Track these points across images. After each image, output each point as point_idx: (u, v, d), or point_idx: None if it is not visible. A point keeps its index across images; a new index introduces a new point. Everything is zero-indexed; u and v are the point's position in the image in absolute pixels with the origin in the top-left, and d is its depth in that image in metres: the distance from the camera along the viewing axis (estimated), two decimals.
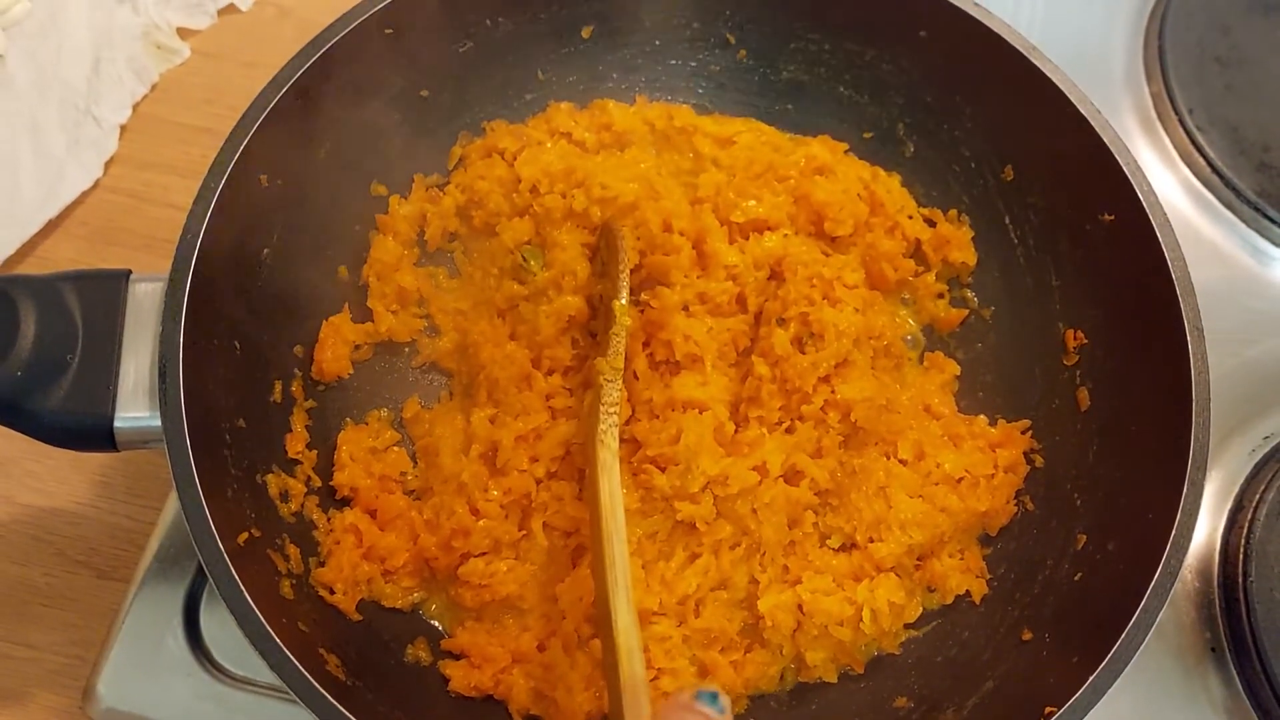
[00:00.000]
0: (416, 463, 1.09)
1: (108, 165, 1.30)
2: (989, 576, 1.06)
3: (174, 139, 1.33)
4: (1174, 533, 0.89)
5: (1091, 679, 0.84)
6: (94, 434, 0.89)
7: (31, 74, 1.29)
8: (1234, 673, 1.09)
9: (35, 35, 1.31)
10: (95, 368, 0.90)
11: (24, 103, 1.27)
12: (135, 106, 1.35)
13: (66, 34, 1.32)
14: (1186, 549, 0.89)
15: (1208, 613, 1.12)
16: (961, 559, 1.06)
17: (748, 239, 1.13)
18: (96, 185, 1.29)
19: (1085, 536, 1.00)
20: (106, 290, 0.92)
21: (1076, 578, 0.98)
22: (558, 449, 1.04)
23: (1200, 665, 1.10)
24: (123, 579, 1.08)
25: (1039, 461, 1.09)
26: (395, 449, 1.09)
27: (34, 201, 1.24)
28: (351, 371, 1.11)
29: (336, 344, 1.09)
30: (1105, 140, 1.04)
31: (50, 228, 1.25)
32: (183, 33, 1.40)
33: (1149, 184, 1.02)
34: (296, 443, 1.03)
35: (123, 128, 1.33)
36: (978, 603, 1.04)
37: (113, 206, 1.29)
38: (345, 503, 1.04)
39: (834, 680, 1.02)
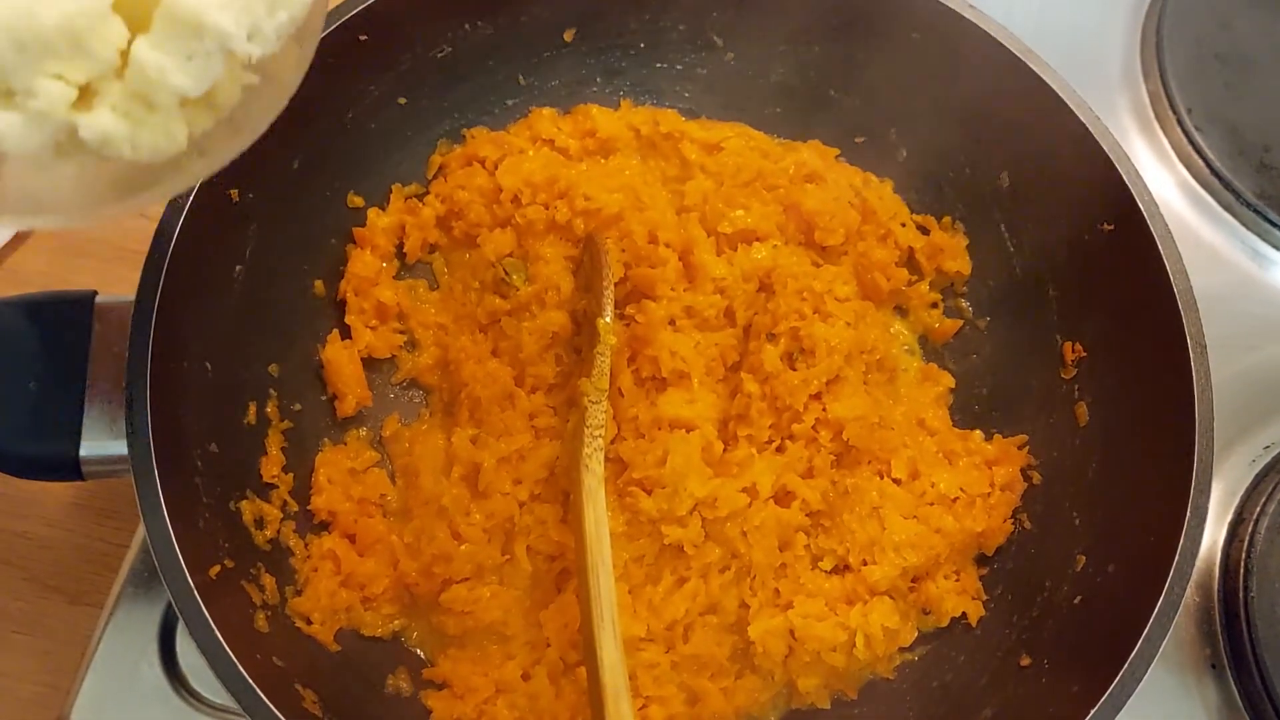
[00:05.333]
0: (396, 482, 1.07)
1: None
2: (985, 598, 1.03)
3: None
4: (1177, 559, 0.86)
5: (1093, 712, 0.82)
6: (58, 464, 0.87)
7: None
8: (1234, 690, 1.07)
9: None
10: (59, 396, 0.87)
11: None
12: None
13: None
14: (1189, 576, 0.86)
15: (1208, 628, 1.10)
16: (957, 580, 1.03)
17: (736, 250, 1.10)
18: None
19: (1085, 557, 0.97)
20: (71, 314, 0.90)
21: (1076, 600, 0.96)
22: (541, 471, 1.01)
23: (1200, 682, 1.08)
24: (96, 604, 1.05)
25: (1036, 478, 1.06)
26: (375, 469, 1.06)
27: None
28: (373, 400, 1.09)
29: (354, 371, 1.07)
30: (1105, 148, 1.01)
31: (18, 240, 1.22)
32: None
33: (1150, 194, 0.99)
34: (272, 466, 1.00)
35: None
36: (974, 625, 1.02)
37: None
38: (323, 527, 1.02)
39: (827, 706, 1.00)
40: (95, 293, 0.91)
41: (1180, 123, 1.34)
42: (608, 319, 1.00)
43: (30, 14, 0.52)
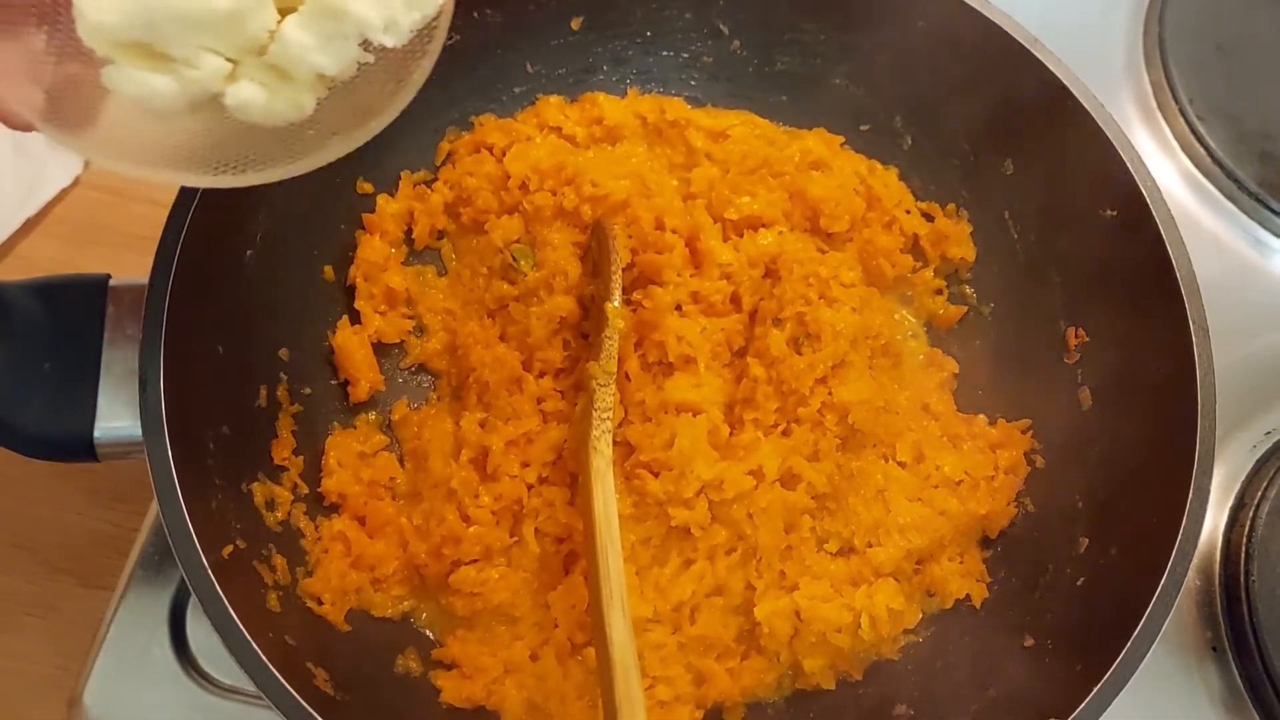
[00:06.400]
0: (405, 465, 1.07)
1: (88, 161, 1.27)
2: (989, 580, 1.04)
3: None
4: (1179, 539, 0.87)
5: (1095, 690, 0.83)
6: (73, 446, 0.87)
7: None
8: (1235, 672, 1.08)
9: None
10: (74, 377, 0.87)
11: None
12: None
13: None
14: (1191, 556, 0.87)
15: (1209, 611, 1.11)
16: (961, 562, 1.04)
17: (742, 236, 1.11)
18: (77, 182, 1.26)
19: (1087, 540, 0.98)
20: (85, 297, 0.90)
21: (1079, 582, 0.97)
22: (549, 454, 1.02)
23: (1201, 664, 1.09)
24: (107, 587, 1.06)
25: (1040, 462, 1.07)
26: (384, 453, 1.07)
27: (13, 200, 1.21)
28: (385, 384, 1.10)
29: (365, 356, 1.07)
30: (1108, 134, 1.02)
31: (29, 226, 1.23)
32: None
33: (1153, 179, 1.00)
34: (283, 449, 1.01)
35: None
36: (978, 607, 1.03)
37: (94, 204, 1.26)
38: (333, 509, 1.03)
39: (832, 687, 1.01)
40: (109, 276, 0.92)
41: (1182, 112, 1.35)
42: (615, 304, 1.01)
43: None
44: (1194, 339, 0.93)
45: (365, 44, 0.67)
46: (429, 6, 0.67)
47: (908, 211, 1.17)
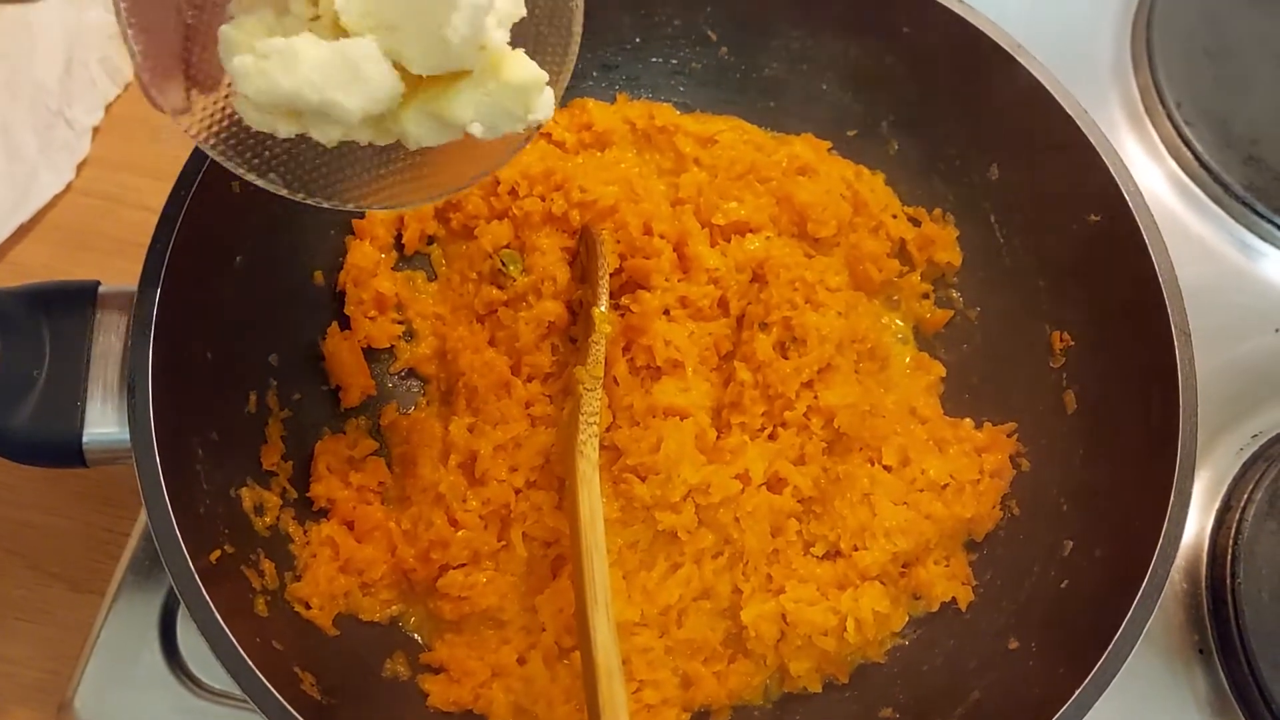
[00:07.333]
0: (394, 469, 1.08)
1: (80, 168, 1.28)
2: (975, 583, 1.05)
3: (148, 140, 1.30)
4: (1161, 542, 0.88)
5: (1077, 693, 0.83)
6: (62, 451, 0.87)
7: (2, 75, 1.26)
8: (1222, 675, 1.08)
9: (6, 35, 1.28)
10: (63, 384, 0.88)
11: None
12: (108, 107, 1.32)
13: (38, 34, 1.30)
14: (1173, 558, 0.88)
15: (1195, 614, 1.11)
16: (947, 566, 1.05)
17: (729, 241, 1.12)
18: (69, 188, 1.27)
19: (1072, 542, 0.99)
20: (74, 304, 0.90)
21: (1063, 585, 0.97)
22: (537, 458, 1.02)
23: (1188, 667, 1.09)
24: (98, 591, 1.06)
25: (1025, 465, 1.08)
26: (373, 458, 1.07)
27: (5, 206, 1.22)
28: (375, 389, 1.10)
29: (355, 361, 1.08)
30: (1091, 140, 1.02)
31: (22, 232, 1.23)
32: None
33: (1135, 185, 1.01)
34: (272, 454, 1.01)
35: (95, 129, 1.30)
36: (964, 610, 1.03)
37: (86, 210, 1.26)
38: (322, 514, 1.03)
39: (818, 690, 1.01)
40: (98, 282, 0.92)
41: (1170, 116, 1.35)
42: (603, 308, 1.02)
43: (335, 104, 0.66)
44: (1176, 344, 0.94)
45: None
46: (532, 124, 0.74)
47: (894, 216, 1.18)
